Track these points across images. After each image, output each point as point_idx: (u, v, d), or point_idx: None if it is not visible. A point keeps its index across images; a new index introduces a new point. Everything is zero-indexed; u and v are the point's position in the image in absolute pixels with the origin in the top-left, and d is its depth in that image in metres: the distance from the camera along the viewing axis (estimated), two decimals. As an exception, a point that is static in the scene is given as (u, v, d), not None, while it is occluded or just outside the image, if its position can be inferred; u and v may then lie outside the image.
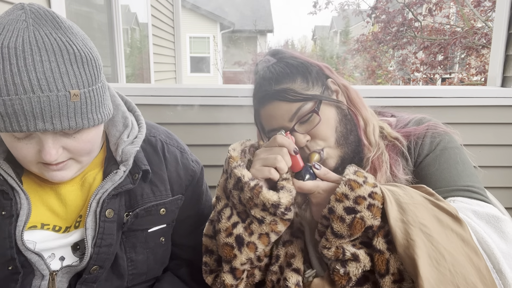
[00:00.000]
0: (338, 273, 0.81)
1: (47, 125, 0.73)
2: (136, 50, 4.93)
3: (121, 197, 0.93)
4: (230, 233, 0.87)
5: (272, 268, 0.94)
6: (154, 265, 1.02)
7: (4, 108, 0.70)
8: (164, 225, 1.02)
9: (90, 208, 0.89)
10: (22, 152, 0.79)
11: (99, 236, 0.89)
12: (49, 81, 0.71)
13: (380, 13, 8.24)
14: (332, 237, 0.79)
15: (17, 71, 0.69)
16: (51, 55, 0.72)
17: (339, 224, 0.77)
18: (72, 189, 0.93)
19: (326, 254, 0.82)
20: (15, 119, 0.71)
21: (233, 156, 0.91)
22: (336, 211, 0.78)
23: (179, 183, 1.03)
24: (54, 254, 0.90)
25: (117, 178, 0.90)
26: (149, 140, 1.02)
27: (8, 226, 0.85)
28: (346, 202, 0.77)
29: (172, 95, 1.87)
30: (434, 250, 0.73)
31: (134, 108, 1.04)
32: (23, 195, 0.86)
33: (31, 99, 0.70)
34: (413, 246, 0.73)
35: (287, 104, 0.94)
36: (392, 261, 0.77)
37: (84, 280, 0.91)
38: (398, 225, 0.75)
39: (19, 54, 0.70)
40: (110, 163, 0.94)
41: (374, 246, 0.78)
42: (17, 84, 0.69)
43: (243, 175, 0.86)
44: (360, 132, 1.00)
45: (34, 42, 0.71)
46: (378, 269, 0.78)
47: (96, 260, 0.89)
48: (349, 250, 0.80)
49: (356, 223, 0.76)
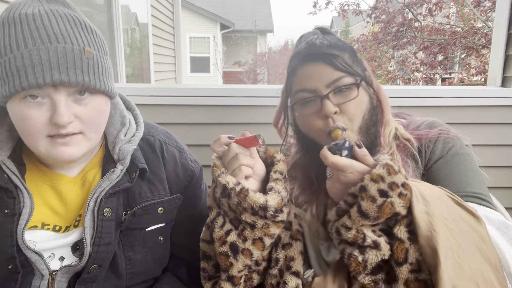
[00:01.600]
0: (356, 260, 0.79)
1: (63, 76, 0.75)
2: (136, 50, 4.93)
3: (119, 196, 0.94)
4: (224, 242, 0.87)
5: (271, 271, 0.93)
6: (153, 265, 1.01)
7: (22, 62, 0.74)
8: (162, 224, 1.02)
9: (88, 207, 0.90)
10: (32, 121, 0.77)
11: (97, 235, 0.89)
12: (64, 36, 0.77)
13: (380, 13, 8.23)
14: (358, 215, 0.77)
15: (35, 28, 0.75)
16: (65, 21, 0.79)
17: (369, 203, 0.76)
18: (73, 189, 0.93)
19: (344, 234, 0.80)
20: (31, 70, 0.74)
21: (216, 164, 0.90)
22: (369, 190, 0.76)
23: (177, 182, 1.03)
24: (53, 254, 0.90)
25: (114, 176, 0.91)
26: (147, 139, 1.02)
27: (10, 224, 0.85)
28: (381, 184, 0.76)
29: (172, 95, 1.87)
30: (455, 244, 0.74)
31: (133, 107, 1.04)
32: (26, 194, 0.87)
33: (49, 49, 0.74)
34: (435, 237, 0.73)
35: (331, 69, 0.93)
36: (411, 251, 0.77)
37: (83, 280, 0.91)
38: (422, 217, 0.76)
39: (37, 17, 0.76)
40: (108, 162, 0.95)
41: (395, 234, 0.78)
42: (35, 37, 0.75)
43: (228, 182, 0.85)
44: (381, 129, 1.00)
45: (50, 11, 0.78)
46: (396, 258, 0.77)
47: (95, 259, 0.89)
48: (370, 237, 0.78)
49: (386, 207, 0.76)
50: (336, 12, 9.53)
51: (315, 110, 0.95)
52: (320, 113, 0.94)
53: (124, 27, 4.01)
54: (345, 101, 0.93)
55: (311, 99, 0.95)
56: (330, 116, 0.93)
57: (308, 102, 0.96)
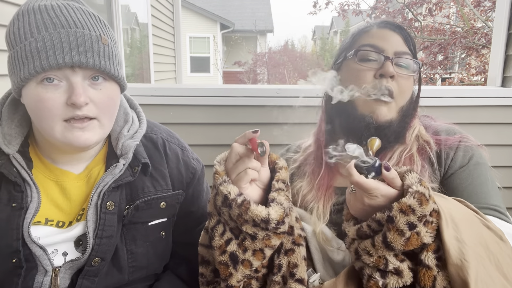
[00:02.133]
0: (377, 283, 0.76)
1: (82, 58, 0.80)
2: (136, 50, 4.93)
3: (122, 190, 0.95)
4: (224, 251, 0.85)
5: (274, 278, 0.90)
6: (154, 260, 1.02)
7: (43, 43, 0.78)
8: (165, 219, 1.03)
9: (91, 201, 0.92)
10: (48, 103, 0.81)
11: (100, 227, 0.91)
12: (82, 23, 0.83)
13: (380, 13, 8.23)
14: (382, 246, 0.74)
15: (55, 15, 0.81)
16: (81, 12, 0.85)
17: (396, 236, 0.72)
18: (78, 185, 0.95)
19: (365, 258, 0.77)
20: (52, 51, 0.78)
21: (218, 171, 0.87)
22: (397, 222, 0.71)
23: (180, 179, 1.05)
24: (57, 250, 0.92)
25: (117, 171, 0.93)
26: (150, 137, 1.04)
27: (17, 218, 0.86)
28: (411, 216, 0.71)
29: (172, 95, 1.87)
30: (485, 274, 0.71)
31: (136, 105, 1.08)
32: (34, 189, 0.89)
33: (69, 33, 0.80)
34: (466, 268, 0.70)
35: (403, 42, 1.02)
36: (439, 279, 0.73)
37: (85, 273, 0.91)
38: (452, 243, 0.72)
39: (56, 8, 0.82)
40: (111, 158, 0.97)
41: (422, 261, 0.74)
42: (56, 23, 0.80)
43: (229, 192, 0.82)
44: (411, 122, 1.04)
45: (66, 5, 0.84)
46: (423, 285, 0.74)
47: (98, 251, 0.91)
48: (392, 263, 0.75)
49: (412, 238, 0.72)
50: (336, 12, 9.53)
51: (374, 67, 0.99)
52: (378, 71, 0.98)
53: (124, 27, 4.01)
54: (405, 73, 0.99)
55: (373, 58, 1.00)
56: (386, 76, 0.97)
57: (369, 59, 1.00)
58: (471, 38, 6.81)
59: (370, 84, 0.97)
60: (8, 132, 0.90)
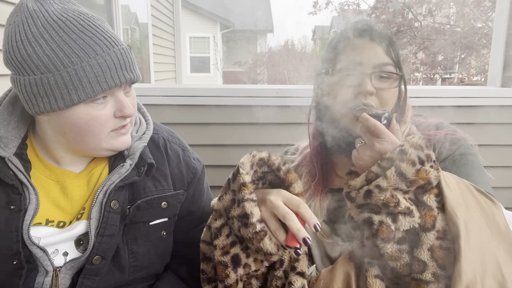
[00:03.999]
0: (389, 227, 0.80)
1: (130, 75, 0.86)
2: (136, 50, 4.93)
3: (126, 190, 0.96)
4: (227, 252, 0.86)
5: (276, 273, 0.92)
6: (155, 259, 1.03)
7: (99, 67, 0.81)
8: (166, 219, 1.03)
9: (96, 199, 0.92)
10: (100, 120, 0.86)
11: (102, 225, 0.91)
12: (115, 36, 0.86)
13: (380, 13, 8.23)
14: (395, 175, 0.79)
15: (92, 34, 0.82)
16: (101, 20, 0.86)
17: (409, 166, 0.79)
18: (79, 184, 0.96)
19: (376, 196, 0.80)
20: (109, 74, 0.82)
21: (246, 183, 0.85)
22: (409, 154, 0.79)
23: (180, 179, 1.05)
24: (57, 250, 0.92)
25: (124, 170, 0.94)
26: (152, 137, 1.05)
27: (16, 220, 0.87)
28: (420, 152, 0.80)
29: (172, 95, 1.87)
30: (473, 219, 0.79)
31: (140, 106, 1.09)
32: (32, 191, 0.89)
33: (115, 52, 0.84)
34: (458, 211, 0.78)
35: (382, 52, 0.98)
36: (439, 219, 0.80)
37: (86, 272, 0.91)
38: (448, 191, 0.81)
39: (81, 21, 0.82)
40: (117, 159, 0.98)
41: (424, 202, 0.81)
42: (99, 43, 0.82)
43: (252, 214, 0.81)
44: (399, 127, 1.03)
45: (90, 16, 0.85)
46: (423, 223, 0.80)
47: (98, 249, 0.91)
48: (403, 203, 0.80)
49: (422, 172, 0.79)
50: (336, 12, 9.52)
51: (353, 84, 0.97)
52: (357, 88, 0.96)
53: (124, 27, 4.02)
54: (383, 87, 0.97)
55: (352, 72, 0.97)
56: (364, 94, 0.95)
57: (349, 74, 0.98)
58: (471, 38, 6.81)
59: (349, 101, 0.96)
60: (4, 135, 0.89)
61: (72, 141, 0.89)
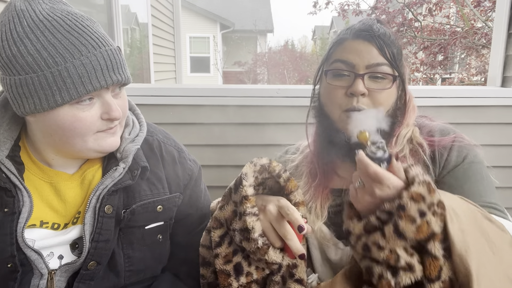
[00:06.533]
0: (388, 283, 0.75)
1: (118, 76, 0.84)
2: (136, 50, 4.93)
3: (120, 194, 0.94)
4: (229, 261, 0.85)
5: (274, 278, 0.91)
6: (151, 263, 1.02)
7: (83, 68, 0.79)
8: (161, 222, 1.02)
9: (89, 204, 0.91)
10: (85, 121, 0.84)
11: (96, 231, 0.90)
12: (103, 37, 0.84)
13: (380, 13, 8.23)
14: (394, 235, 0.73)
15: (78, 34, 0.80)
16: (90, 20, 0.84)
17: (408, 224, 0.72)
18: (72, 186, 0.94)
19: (375, 253, 0.76)
20: (94, 75, 0.80)
21: (248, 196, 0.84)
22: (409, 210, 0.72)
23: (176, 181, 1.04)
24: (52, 253, 0.91)
25: (117, 174, 0.92)
26: (146, 139, 1.03)
27: (10, 223, 0.86)
28: (421, 204, 0.72)
29: (172, 95, 1.87)
30: (487, 264, 0.73)
31: (134, 107, 1.06)
32: (25, 193, 0.88)
33: (102, 53, 0.81)
34: (469, 257, 0.72)
35: (377, 52, 0.96)
36: (445, 269, 0.74)
37: (81, 277, 0.91)
38: (457, 234, 0.73)
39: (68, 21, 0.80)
40: (110, 161, 0.96)
41: (429, 251, 0.74)
42: (85, 44, 0.80)
43: (254, 229, 0.82)
44: (398, 129, 1.01)
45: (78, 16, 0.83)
46: (428, 274, 0.74)
47: (94, 255, 0.90)
48: (404, 258, 0.74)
49: (423, 225, 0.72)
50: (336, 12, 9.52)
51: (345, 84, 0.96)
52: (349, 89, 0.95)
53: (124, 27, 4.01)
54: (378, 88, 0.95)
55: (346, 73, 0.96)
56: (356, 95, 0.93)
57: (342, 75, 0.97)
58: (471, 38, 6.81)
59: (341, 103, 0.95)
60: None
61: (59, 143, 0.87)
